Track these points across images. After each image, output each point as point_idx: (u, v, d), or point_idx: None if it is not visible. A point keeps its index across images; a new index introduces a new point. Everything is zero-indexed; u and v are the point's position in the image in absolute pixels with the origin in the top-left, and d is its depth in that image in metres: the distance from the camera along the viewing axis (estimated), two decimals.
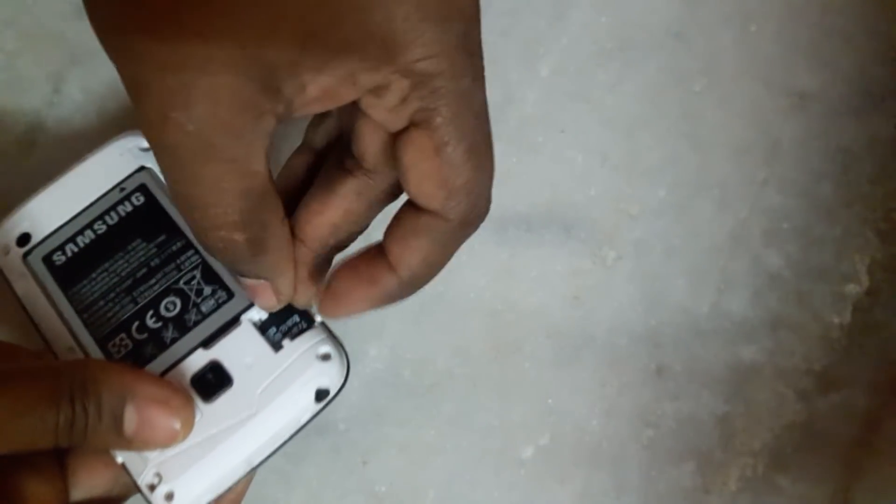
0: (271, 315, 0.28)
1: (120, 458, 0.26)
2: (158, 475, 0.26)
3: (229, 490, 0.26)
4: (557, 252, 0.36)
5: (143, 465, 0.26)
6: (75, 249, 0.30)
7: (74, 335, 0.29)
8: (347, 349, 0.36)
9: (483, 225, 0.37)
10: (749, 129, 0.38)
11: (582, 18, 0.39)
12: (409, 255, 0.23)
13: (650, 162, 0.37)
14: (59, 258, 0.30)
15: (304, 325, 0.28)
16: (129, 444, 0.25)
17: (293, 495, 0.33)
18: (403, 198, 0.25)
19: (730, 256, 0.36)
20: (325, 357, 0.28)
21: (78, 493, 0.26)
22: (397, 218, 0.24)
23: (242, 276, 0.25)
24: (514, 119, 0.38)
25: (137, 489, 0.26)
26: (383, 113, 0.22)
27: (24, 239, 0.31)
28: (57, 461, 0.26)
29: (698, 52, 0.39)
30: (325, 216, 0.25)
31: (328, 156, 0.27)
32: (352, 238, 0.26)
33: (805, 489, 0.34)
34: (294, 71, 0.20)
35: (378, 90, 0.21)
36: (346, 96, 0.21)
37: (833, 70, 0.39)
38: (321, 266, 0.26)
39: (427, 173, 0.22)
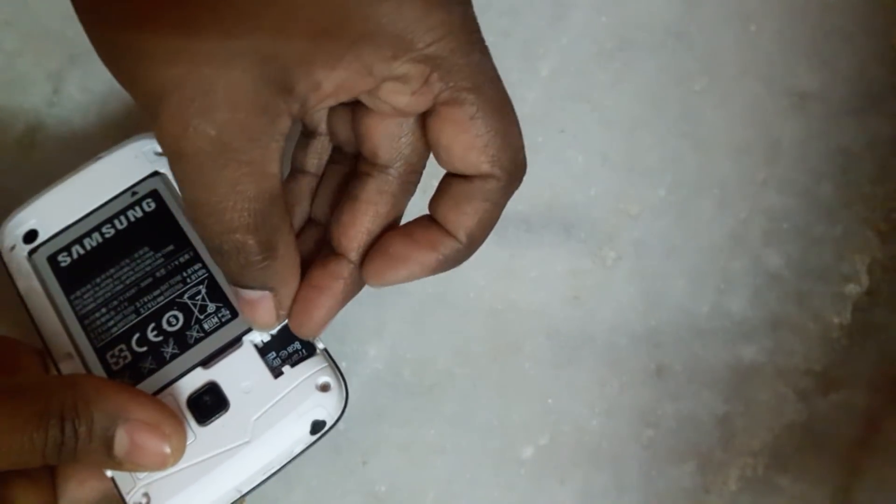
0: (273, 338, 0.28)
1: (110, 472, 0.26)
2: (146, 495, 0.26)
3: None
4: (557, 252, 0.36)
5: (133, 484, 0.26)
6: (81, 252, 0.30)
7: (74, 342, 0.28)
8: (347, 349, 0.36)
9: None
10: (749, 129, 0.38)
11: (582, 18, 0.39)
12: (465, 220, 0.24)
13: (650, 162, 0.37)
14: (64, 259, 0.30)
15: (305, 353, 0.28)
16: (118, 465, 0.25)
17: (293, 495, 0.33)
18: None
19: (730, 256, 0.36)
20: (325, 388, 0.27)
21: (66, 502, 0.26)
22: (443, 189, 0.25)
23: (247, 286, 0.25)
24: None
25: None
26: (405, 98, 0.23)
27: (30, 236, 0.30)
28: (47, 468, 0.26)
29: (698, 52, 0.39)
30: (358, 224, 0.26)
31: (325, 176, 0.28)
32: None
33: (805, 489, 0.34)
34: (308, 69, 0.21)
35: (400, 78, 0.22)
36: (363, 87, 0.22)
37: (833, 70, 0.39)
38: (354, 283, 0.26)
39: (468, 144, 0.23)
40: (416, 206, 0.26)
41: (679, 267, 0.36)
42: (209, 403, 0.27)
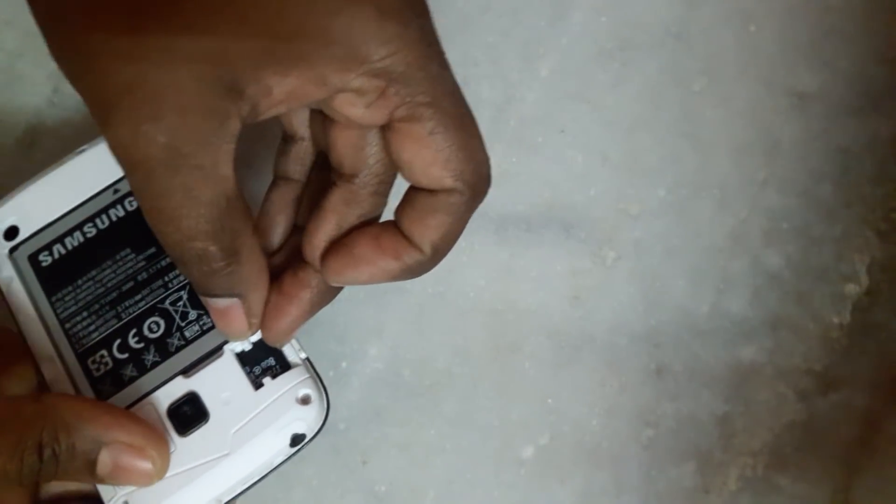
0: (255, 347, 0.27)
1: None
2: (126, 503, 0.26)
3: None
4: (557, 252, 0.36)
5: (114, 492, 0.26)
6: (63, 251, 0.29)
7: (56, 345, 0.28)
8: (347, 349, 0.35)
9: (483, 225, 0.37)
10: (749, 129, 0.38)
11: (582, 18, 0.39)
12: (430, 233, 0.24)
13: (650, 162, 0.37)
14: (45, 259, 0.29)
15: (286, 364, 0.27)
16: (101, 482, 0.25)
17: (293, 494, 0.33)
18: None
19: (730, 256, 0.36)
20: (305, 400, 0.27)
21: (52, 488, 0.26)
22: (408, 200, 0.24)
23: (214, 295, 0.24)
24: (513, 119, 0.38)
25: None
26: (360, 110, 0.23)
27: (11, 232, 0.30)
28: None
29: (698, 52, 0.39)
30: (321, 234, 0.25)
31: (310, 182, 0.28)
32: None
33: (805, 489, 0.34)
34: (259, 74, 0.21)
35: (355, 90, 0.22)
36: (316, 96, 0.22)
37: (833, 70, 0.39)
38: (322, 292, 0.26)
39: (429, 160, 0.23)
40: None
41: (679, 267, 0.36)
42: (189, 414, 0.27)
